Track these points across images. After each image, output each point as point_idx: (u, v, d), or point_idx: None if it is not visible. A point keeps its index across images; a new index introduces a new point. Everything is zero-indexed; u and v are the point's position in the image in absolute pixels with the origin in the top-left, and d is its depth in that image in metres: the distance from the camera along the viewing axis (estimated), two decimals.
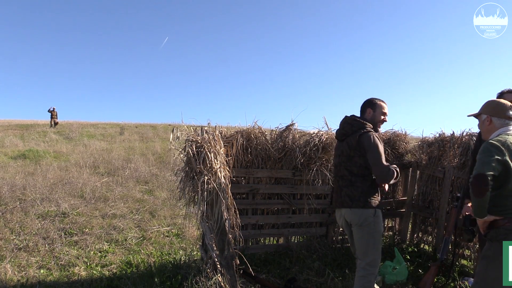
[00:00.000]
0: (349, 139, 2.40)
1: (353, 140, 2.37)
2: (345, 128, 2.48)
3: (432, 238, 3.83)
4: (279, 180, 3.42)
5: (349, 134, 2.43)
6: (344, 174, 2.42)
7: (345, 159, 2.42)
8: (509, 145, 1.87)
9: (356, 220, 2.35)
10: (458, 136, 3.59)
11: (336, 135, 2.58)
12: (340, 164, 2.46)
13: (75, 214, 4.92)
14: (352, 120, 2.47)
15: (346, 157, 2.40)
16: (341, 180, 2.45)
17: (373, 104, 2.49)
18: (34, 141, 12.14)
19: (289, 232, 3.50)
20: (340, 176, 2.46)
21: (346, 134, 2.45)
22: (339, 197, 2.45)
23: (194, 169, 2.52)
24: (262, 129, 3.28)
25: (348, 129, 2.45)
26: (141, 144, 11.96)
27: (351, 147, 2.37)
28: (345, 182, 2.41)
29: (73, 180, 6.57)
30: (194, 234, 4.38)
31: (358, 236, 2.37)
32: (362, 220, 2.33)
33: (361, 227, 2.34)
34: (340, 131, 2.52)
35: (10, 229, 4.31)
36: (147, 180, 7.04)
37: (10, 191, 5.63)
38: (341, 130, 2.51)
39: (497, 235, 1.89)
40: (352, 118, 2.48)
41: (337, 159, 2.51)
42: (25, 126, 16.73)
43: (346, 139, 2.43)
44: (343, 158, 2.43)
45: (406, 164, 3.91)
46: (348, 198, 2.38)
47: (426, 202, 3.83)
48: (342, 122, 2.53)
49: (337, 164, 2.52)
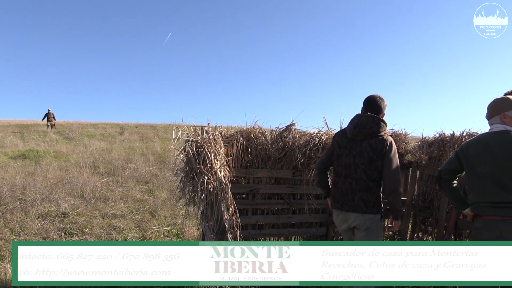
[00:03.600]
0: (373, 141, 2.26)
1: (378, 143, 2.24)
2: (372, 128, 2.27)
3: (432, 238, 3.83)
4: (279, 180, 3.42)
5: (375, 135, 2.28)
6: (361, 177, 2.28)
7: (365, 162, 2.26)
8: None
9: (363, 224, 2.29)
10: (458, 136, 3.59)
11: (355, 134, 2.31)
12: (357, 165, 2.28)
13: (75, 214, 4.92)
14: (380, 120, 2.30)
15: (367, 159, 2.25)
16: (355, 183, 2.29)
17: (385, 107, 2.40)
18: (34, 141, 12.14)
19: (289, 232, 3.50)
20: (355, 178, 2.29)
21: (372, 135, 2.27)
22: (351, 201, 2.30)
23: (194, 169, 2.52)
24: (262, 129, 3.28)
25: (375, 129, 2.27)
26: (141, 144, 11.96)
27: (376, 150, 2.24)
28: (360, 186, 2.27)
29: (73, 180, 6.57)
30: (194, 234, 4.38)
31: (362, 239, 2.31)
32: (369, 224, 2.28)
33: (367, 230, 2.29)
34: (364, 130, 2.28)
35: (10, 229, 4.31)
36: (147, 180, 7.04)
37: (10, 191, 5.63)
38: (367, 130, 2.27)
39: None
40: (379, 118, 2.31)
41: (351, 159, 2.31)
42: (25, 126, 16.73)
43: (369, 140, 2.27)
44: (362, 160, 2.27)
45: (406, 164, 3.91)
46: (363, 203, 2.27)
47: (426, 202, 3.83)
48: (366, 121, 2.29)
49: (350, 165, 2.32)
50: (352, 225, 2.34)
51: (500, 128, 2.01)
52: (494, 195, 1.95)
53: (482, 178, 1.99)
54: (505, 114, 2.01)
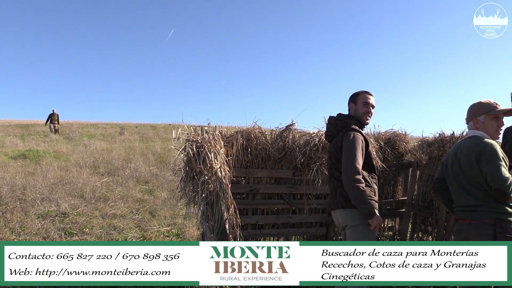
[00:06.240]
0: (335, 140, 2.35)
1: (338, 141, 2.31)
2: (329, 129, 2.42)
3: (432, 238, 3.83)
4: (279, 180, 3.42)
5: (334, 134, 2.37)
6: (337, 176, 2.33)
7: (334, 161, 2.34)
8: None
9: (349, 221, 2.26)
10: (458, 136, 3.59)
11: (325, 137, 2.54)
12: (332, 165, 2.38)
13: (75, 214, 4.92)
14: (335, 120, 2.40)
15: (335, 158, 2.33)
16: (335, 182, 2.36)
17: (353, 98, 2.42)
18: (34, 141, 12.14)
19: (289, 232, 3.50)
20: (334, 177, 2.37)
21: (332, 135, 2.40)
22: (334, 198, 2.36)
23: (194, 169, 2.52)
24: (262, 129, 3.28)
25: (332, 129, 2.40)
26: (141, 144, 11.96)
27: (337, 148, 2.31)
28: (339, 183, 2.31)
29: (73, 180, 6.56)
30: (194, 234, 4.38)
31: (351, 238, 2.28)
32: (351, 221, 2.24)
33: (352, 228, 2.26)
34: (326, 133, 2.48)
35: (10, 229, 4.31)
36: (147, 180, 7.04)
37: (10, 191, 5.63)
38: (327, 132, 2.46)
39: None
40: (335, 118, 2.42)
41: (329, 161, 2.44)
42: (25, 126, 16.72)
43: (333, 141, 2.38)
44: (333, 160, 2.36)
45: (406, 164, 3.91)
46: (342, 199, 2.28)
47: (426, 202, 3.83)
48: (327, 123, 2.47)
49: (330, 165, 2.43)
50: (341, 223, 2.35)
51: (470, 134, 2.08)
52: (462, 199, 2.03)
53: (454, 184, 2.08)
54: (476, 119, 2.05)
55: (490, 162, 1.87)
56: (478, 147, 1.93)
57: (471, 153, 1.95)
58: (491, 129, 2.03)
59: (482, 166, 1.89)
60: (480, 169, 1.91)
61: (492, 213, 1.91)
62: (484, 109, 2.03)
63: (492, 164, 1.86)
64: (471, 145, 1.97)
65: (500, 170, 1.85)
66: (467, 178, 1.98)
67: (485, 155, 1.89)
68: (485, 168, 1.88)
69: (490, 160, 1.87)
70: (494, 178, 1.85)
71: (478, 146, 1.93)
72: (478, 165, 1.92)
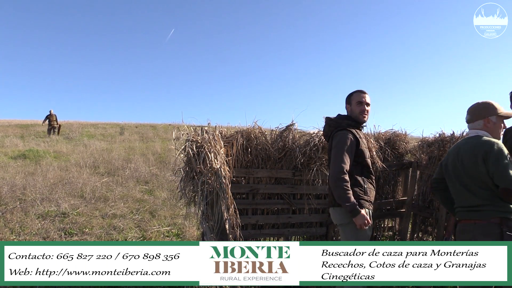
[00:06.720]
0: (331, 140, 2.40)
1: (332, 141, 2.38)
2: (325, 130, 2.51)
3: (432, 238, 3.83)
4: (279, 180, 3.42)
5: (329, 135, 2.44)
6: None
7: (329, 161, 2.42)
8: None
9: (339, 219, 2.29)
10: (458, 136, 3.59)
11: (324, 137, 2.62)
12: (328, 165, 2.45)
13: (75, 214, 4.92)
14: (329, 120, 2.48)
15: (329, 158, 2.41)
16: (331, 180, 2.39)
17: (348, 99, 2.48)
18: (34, 141, 12.15)
19: (289, 232, 3.50)
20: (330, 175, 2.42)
21: (327, 136, 2.48)
22: (329, 196, 2.43)
23: (194, 169, 2.52)
24: (262, 129, 3.28)
25: (327, 130, 2.48)
26: (141, 144, 11.96)
27: (330, 148, 2.39)
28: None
29: (73, 180, 6.56)
30: (194, 234, 4.38)
31: (343, 237, 2.29)
32: (343, 220, 2.25)
33: (343, 227, 2.27)
34: (323, 133, 2.57)
35: (10, 229, 4.31)
36: (147, 180, 7.04)
37: (10, 191, 5.63)
38: (323, 132, 2.55)
39: None
40: (330, 118, 2.49)
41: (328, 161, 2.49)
42: (25, 126, 16.72)
43: (330, 140, 2.43)
44: (329, 159, 2.42)
45: (406, 164, 3.91)
46: (332, 197, 2.32)
47: (426, 202, 3.83)
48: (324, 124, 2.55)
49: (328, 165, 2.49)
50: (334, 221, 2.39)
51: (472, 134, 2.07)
52: (465, 199, 2.02)
53: (456, 184, 2.07)
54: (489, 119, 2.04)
55: (498, 161, 1.86)
56: (485, 147, 1.92)
57: (477, 153, 1.93)
58: (498, 130, 2.05)
59: (489, 165, 1.89)
60: (487, 169, 1.90)
61: (498, 213, 1.90)
62: (497, 109, 2.03)
63: (500, 163, 1.86)
64: (477, 144, 1.96)
65: (508, 169, 1.84)
66: (471, 178, 1.97)
67: (492, 154, 1.88)
68: (492, 167, 1.87)
69: (498, 159, 1.87)
70: (502, 177, 1.85)
71: (485, 145, 1.93)
72: (485, 165, 1.90)
